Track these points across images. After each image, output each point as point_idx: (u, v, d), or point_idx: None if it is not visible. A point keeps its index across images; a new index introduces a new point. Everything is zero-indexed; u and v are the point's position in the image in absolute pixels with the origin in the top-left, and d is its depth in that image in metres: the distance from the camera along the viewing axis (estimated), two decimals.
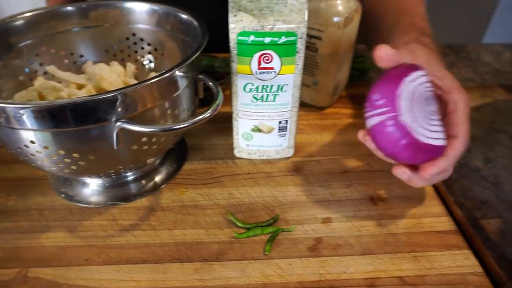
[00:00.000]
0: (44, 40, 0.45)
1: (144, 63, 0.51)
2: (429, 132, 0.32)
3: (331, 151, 0.49)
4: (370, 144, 0.36)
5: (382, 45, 0.34)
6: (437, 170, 0.33)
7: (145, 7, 0.46)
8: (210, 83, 0.36)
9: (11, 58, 0.43)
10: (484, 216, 0.40)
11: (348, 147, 0.50)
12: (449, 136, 0.34)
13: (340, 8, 0.47)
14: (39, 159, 0.34)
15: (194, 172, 0.46)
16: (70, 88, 0.45)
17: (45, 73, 0.46)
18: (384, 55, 0.34)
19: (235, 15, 0.36)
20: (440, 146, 0.33)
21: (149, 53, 0.50)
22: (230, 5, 0.37)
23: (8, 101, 0.32)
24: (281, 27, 0.36)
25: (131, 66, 0.48)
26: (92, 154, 0.34)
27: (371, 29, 0.54)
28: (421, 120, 0.32)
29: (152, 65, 0.51)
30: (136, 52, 0.50)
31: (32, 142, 0.32)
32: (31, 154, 0.33)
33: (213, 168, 0.47)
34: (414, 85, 0.32)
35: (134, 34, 0.49)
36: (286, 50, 0.37)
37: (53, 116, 0.30)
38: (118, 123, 0.31)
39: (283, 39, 0.37)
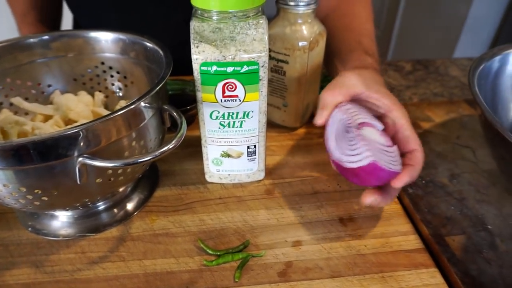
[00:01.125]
0: (9, 72, 0.45)
1: (114, 90, 0.51)
2: (351, 157, 0.37)
3: (302, 172, 0.50)
4: None
5: (316, 119, 0.40)
6: (407, 179, 0.36)
7: (110, 36, 0.46)
8: (174, 113, 0.37)
9: None
10: (449, 233, 0.41)
11: (319, 167, 0.51)
12: (409, 150, 0.39)
13: (305, 32, 0.49)
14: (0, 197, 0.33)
15: (165, 198, 0.46)
16: (36, 119, 0.45)
17: (11, 104, 0.46)
18: (320, 123, 0.40)
19: (197, 46, 0.37)
20: (362, 166, 0.36)
21: (118, 81, 0.50)
22: (192, 36, 0.37)
23: None
24: (243, 56, 0.37)
25: (99, 95, 0.48)
26: (55, 189, 0.33)
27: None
28: (344, 149, 0.38)
29: (122, 93, 0.51)
30: (105, 80, 0.50)
31: None
32: None
33: (184, 194, 0.47)
34: (335, 123, 0.39)
35: (102, 63, 0.49)
36: (249, 78, 0.38)
37: (12, 155, 0.30)
38: (80, 159, 0.31)
39: (245, 68, 0.37)
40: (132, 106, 0.34)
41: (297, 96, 0.53)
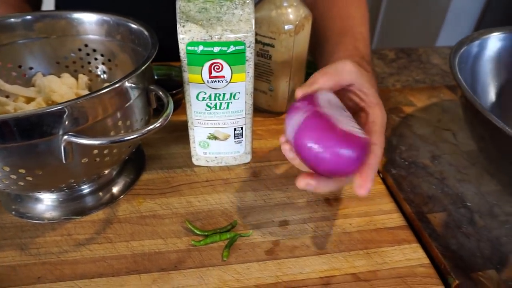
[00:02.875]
0: None
1: (98, 74, 0.50)
2: (353, 129, 0.32)
3: None
4: (289, 154, 0.35)
5: (298, 89, 0.36)
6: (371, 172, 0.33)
7: (94, 17, 0.46)
8: (161, 93, 0.37)
9: None
10: (431, 211, 0.42)
11: None
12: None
13: (290, 16, 0.49)
14: None
15: (152, 182, 0.46)
16: (18, 101, 0.44)
17: None
18: (301, 93, 0.35)
19: (183, 26, 0.37)
20: (364, 138, 0.32)
21: (102, 63, 0.50)
22: (178, 16, 0.37)
23: None
24: (229, 36, 0.37)
25: (83, 78, 0.47)
26: (39, 169, 0.33)
27: (316, 44, 0.56)
28: (344, 120, 0.32)
29: (106, 76, 0.50)
30: (89, 63, 0.50)
31: None
32: None
33: (171, 177, 0.47)
34: (328, 96, 0.34)
35: (86, 45, 0.48)
36: (235, 59, 0.38)
37: None
38: (65, 137, 0.31)
39: (232, 48, 0.37)
40: (117, 85, 0.33)
41: (283, 81, 0.54)
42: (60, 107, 0.30)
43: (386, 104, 0.61)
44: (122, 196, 0.44)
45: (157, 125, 0.33)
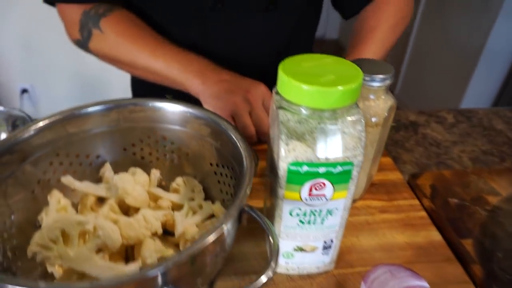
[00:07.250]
0: (59, 146, 0.41)
1: (166, 161, 0.47)
2: None
3: (371, 259, 0.46)
4: None
5: None
6: None
7: (170, 107, 0.42)
8: (261, 222, 0.32)
9: (23, 170, 0.38)
10: None
11: (387, 252, 0.46)
12: None
13: (378, 108, 0.45)
14: None
15: None
16: (88, 201, 0.41)
17: (59, 181, 0.41)
18: None
19: (287, 144, 0.33)
20: None
21: (172, 152, 0.46)
22: (281, 130, 0.33)
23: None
24: (338, 156, 0.33)
25: (156, 174, 0.44)
26: None
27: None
28: None
29: (175, 162, 0.46)
30: (157, 150, 0.46)
31: None
32: None
33: (248, 286, 0.42)
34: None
35: (155, 133, 0.45)
36: (340, 178, 0.34)
37: None
38: None
39: (339, 168, 0.33)
40: (219, 235, 0.29)
41: (362, 170, 0.49)
42: (156, 271, 0.26)
43: (466, 191, 0.56)
44: None
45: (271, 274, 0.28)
